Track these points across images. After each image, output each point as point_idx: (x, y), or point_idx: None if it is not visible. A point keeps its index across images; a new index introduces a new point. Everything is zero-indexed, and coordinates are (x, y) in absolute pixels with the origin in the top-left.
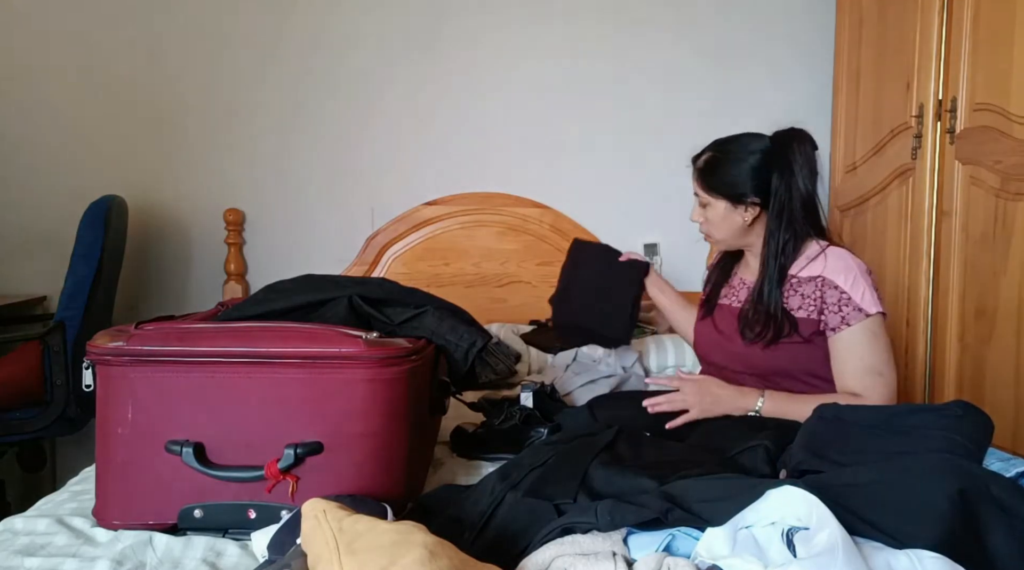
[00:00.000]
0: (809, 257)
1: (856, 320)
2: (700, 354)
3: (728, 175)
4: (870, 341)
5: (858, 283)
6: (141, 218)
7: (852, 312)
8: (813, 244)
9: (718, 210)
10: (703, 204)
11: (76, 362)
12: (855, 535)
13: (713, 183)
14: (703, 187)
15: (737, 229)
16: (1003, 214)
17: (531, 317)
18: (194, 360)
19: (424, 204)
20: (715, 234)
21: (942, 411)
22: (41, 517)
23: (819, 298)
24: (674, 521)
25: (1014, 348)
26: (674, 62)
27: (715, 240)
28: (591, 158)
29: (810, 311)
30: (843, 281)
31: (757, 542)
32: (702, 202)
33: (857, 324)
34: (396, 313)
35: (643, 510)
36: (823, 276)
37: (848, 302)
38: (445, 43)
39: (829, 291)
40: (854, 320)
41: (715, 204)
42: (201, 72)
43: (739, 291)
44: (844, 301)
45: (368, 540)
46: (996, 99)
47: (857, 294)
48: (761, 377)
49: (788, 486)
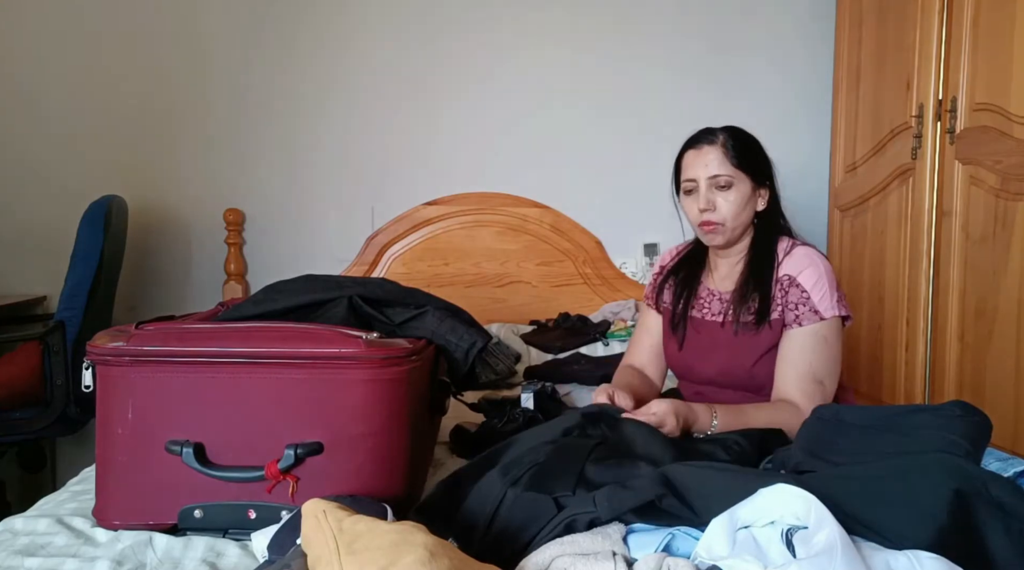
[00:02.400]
0: (781, 253)
1: (809, 321)
2: (672, 368)
3: (754, 151)
4: (818, 346)
5: (820, 284)
6: (141, 218)
7: (807, 313)
8: (781, 243)
9: (743, 191)
10: (725, 185)
11: (76, 362)
12: (852, 535)
13: (742, 160)
14: (733, 163)
15: (749, 219)
16: (1003, 214)
17: (531, 317)
18: (194, 360)
19: (424, 204)
20: (731, 221)
21: (940, 411)
22: (41, 517)
23: (784, 296)
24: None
25: (1014, 348)
26: (674, 62)
27: (727, 229)
28: (591, 158)
29: (779, 311)
30: (806, 280)
31: (756, 542)
32: (723, 183)
33: (809, 325)
34: (396, 313)
35: (639, 493)
36: (789, 274)
37: (806, 302)
38: (445, 43)
39: (793, 289)
40: (807, 321)
41: (741, 185)
42: (201, 72)
43: (710, 303)
44: (803, 300)
45: (368, 540)
46: (996, 99)
47: (817, 295)
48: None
49: (785, 484)
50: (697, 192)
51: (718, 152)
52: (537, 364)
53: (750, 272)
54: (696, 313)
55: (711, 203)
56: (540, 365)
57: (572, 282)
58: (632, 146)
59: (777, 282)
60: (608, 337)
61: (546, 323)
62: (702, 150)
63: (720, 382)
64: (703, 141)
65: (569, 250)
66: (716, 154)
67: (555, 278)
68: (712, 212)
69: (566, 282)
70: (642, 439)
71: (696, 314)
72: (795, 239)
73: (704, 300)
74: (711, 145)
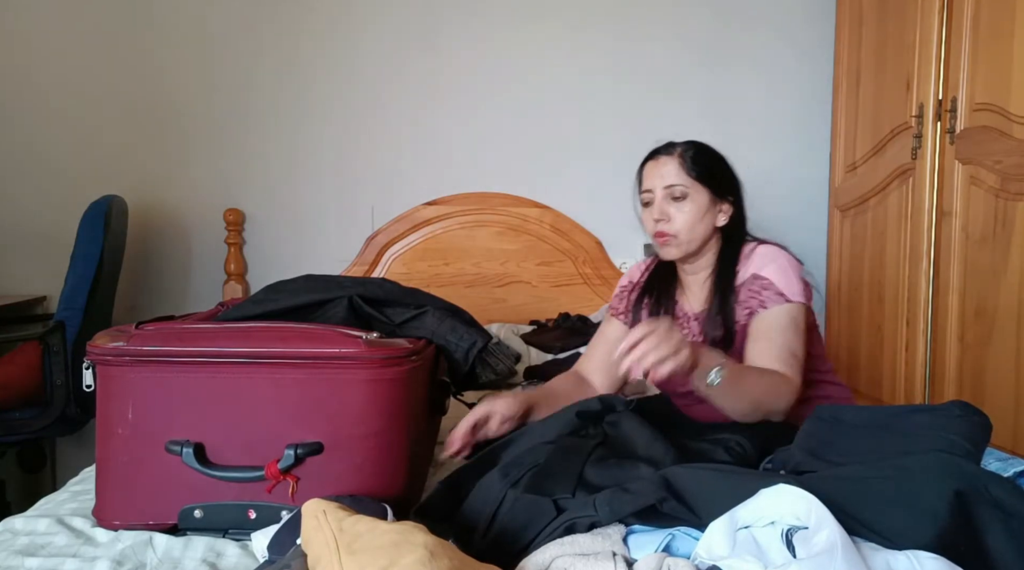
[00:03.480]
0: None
1: (774, 304)
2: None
3: (715, 165)
4: (790, 325)
5: (783, 272)
6: (141, 218)
7: (771, 296)
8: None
9: (700, 203)
10: (679, 196)
11: (76, 362)
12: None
13: (700, 172)
14: (689, 174)
15: (707, 233)
16: (1003, 214)
17: (531, 317)
18: (194, 360)
19: (424, 204)
20: (685, 233)
21: (940, 411)
22: (41, 517)
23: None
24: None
25: (1014, 348)
26: (674, 61)
27: (681, 241)
28: (591, 158)
29: (746, 314)
30: (768, 272)
31: (757, 542)
32: (677, 194)
33: (775, 307)
34: (396, 313)
35: (639, 497)
36: (751, 273)
37: (769, 287)
38: (445, 43)
39: (754, 282)
40: (771, 303)
41: (697, 197)
42: (201, 72)
43: (687, 323)
44: (765, 286)
45: (368, 540)
46: (996, 99)
47: (780, 281)
48: None
49: (785, 485)
50: (652, 205)
51: (675, 163)
52: (537, 364)
53: (715, 291)
54: None
55: (665, 214)
56: (540, 365)
57: (572, 282)
58: (632, 146)
59: (741, 288)
60: None
61: (546, 323)
62: (659, 161)
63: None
64: (661, 152)
65: (569, 250)
66: (673, 165)
67: (555, 278)
68: (666, 223)
69: (566, 282)
70: (643, 440)
71: None
72: (759, 241)
73: (682, 321)
74: (668, 156)
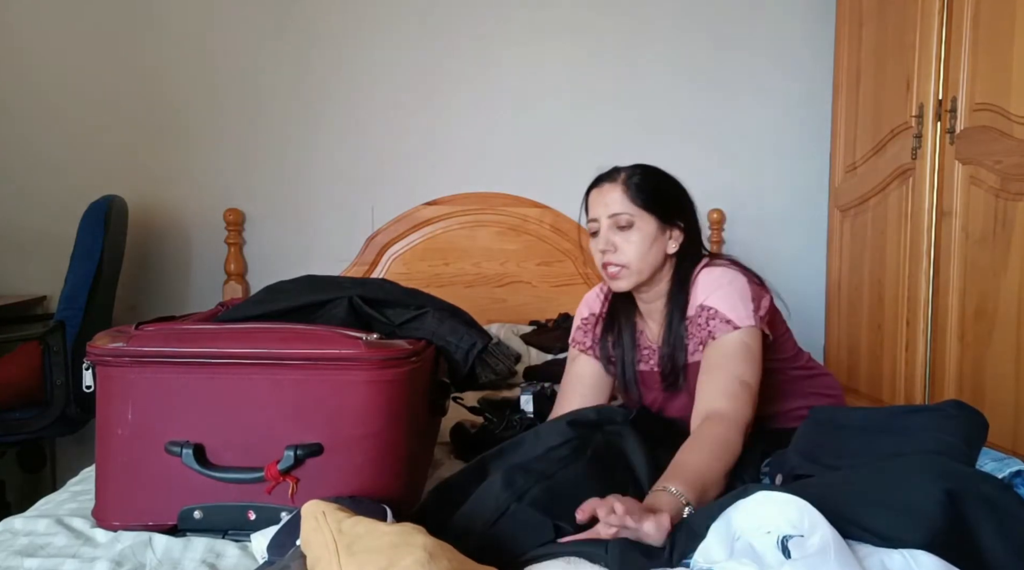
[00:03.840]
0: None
1: (722, 332)
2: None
3: (661, 189)
4: (740, 351)
5: (728, 298)
6: (141, 218)
7: (719, 324)
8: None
9: (647, 232)
10: (625, 225)
11: (76, 362)
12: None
13: (646, 199)
14: (634, 202)
15: (658, 261)
16: (1003, 214)
17: (531, 317)
18: (194, 361)
19: (424, 204)
20: (634, 263)
21: (935, 411)
22: (41, 517)
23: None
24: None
25: (1014, 348)
26: (675, 62)
27: (632, 272)
28: (591, 158)
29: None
30: (712, 300)
31: (754, 550)
32: (623, 223)
33: (723, 336)
34: (396, 314)
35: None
36: (698, 304)
37: (715, 316)
38: (445, 43)
39: (700, 313)
40: (719, 332)
41: (644, 225)
42: (201, 72)
43: (652, 356)
44: (712, 316)
45: (367, 542)
46: (996, 99)
47: (725, 306)
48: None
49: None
50: (599, 233)
51: (619, 190)
52: (537, 364)
53: (667, 324)
54: (643, 366)
55: (611, 244)
56: (540, 365)
57: (572, 282)
58: (633, 146)
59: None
60: None
61: (546, 323)
62: (603, 189)
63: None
64: (605, 179)
65: (569, 250)
66: (617, 193)
67: (555, 278)
68: (612, 253)
69: (566, 282)
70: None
71: (644, 367)
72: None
73: (647, 352)
74: (612, 182)
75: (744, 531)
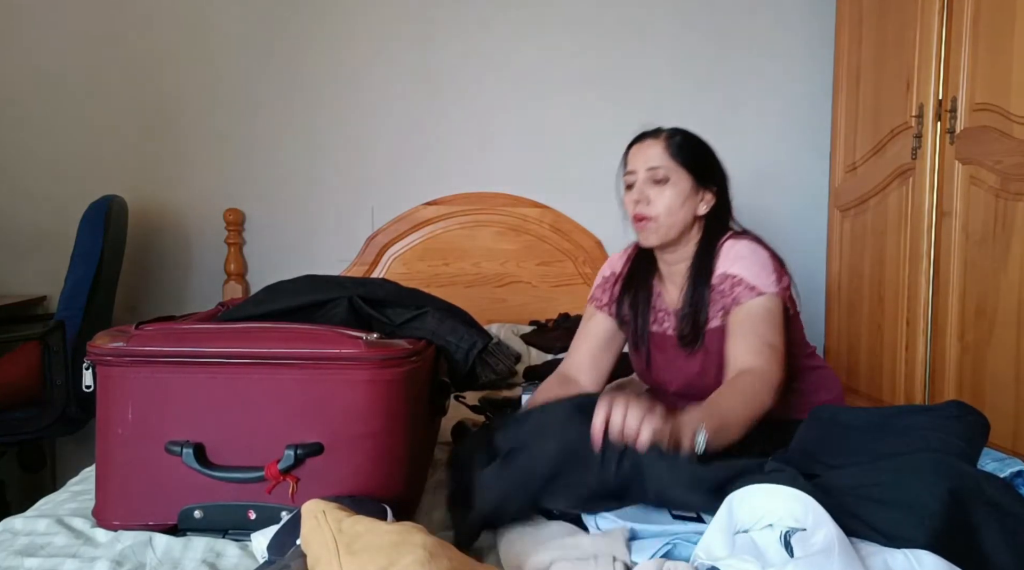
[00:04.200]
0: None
1: (747, 298)
2: (643, 380)
3: (700, 152)
4: (765, 316)
5: (752, 266)
6: (141, 218)
7: (743, 291)
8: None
9: (681, 188)
10: (661, 179)
11: (76, 362)
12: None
13: (685, 157)
14: (673, 158)
15: (688, 220)
16: (1003, 214)
17: (531, 317)
18: (194, 360)
19: (424, 204)
20: (664, 217)
21: (937, 412)
22: (41, 517)
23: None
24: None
25: (1014, 348)
26: (674, 62)
27: (660, 226)
28: (591, 158)
29: (721, 314)
30: (736, 268)
31: (756, 545)
32: (659, 177)
33: (748, 301)
34: (396, 314)
35: None
36: (720, 271)
37: (739, 283)
38: (445, 43)
39: (724, 282)
40: (745, 298)
41: (679, 181)
42: (201, 72)
43: (667, 317)
44: (736, 283)
45: (368, 541)
46: (996, 99)
47: (749, 274)
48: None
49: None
50: (635, 185)
51: (660, 146)
52: (537, 364)
53: (690, 286)
54: (656, 328)
55: (645, 196)
56: (540, 365)
57: (572, 282)
58: None
59: (715, 287)
60: None
61: (546, 323)
62: (645, 143)
63: (687, 395)
64: (648, 135)
65: (569, 250)
66: (657, 148)
67: (555, 278)
68: (645, 205)
69: (566, 282)
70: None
71: (656, 329)
72: (733, 235)
73: (662, 314)
74: (654, 138)
75: (746, 524)
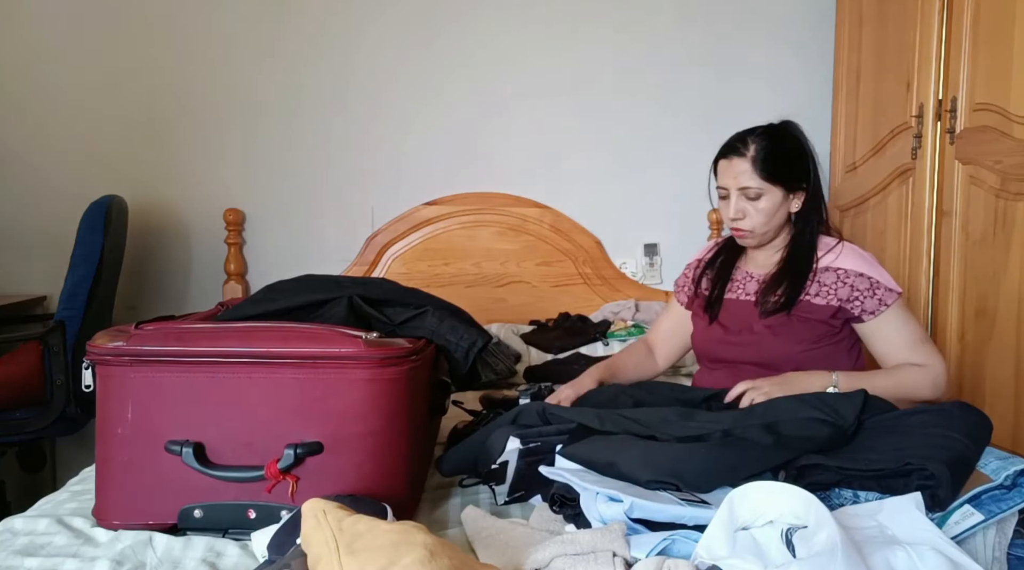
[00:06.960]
0: (826, 247)
1: (892, 300)
2: (703, 354)
3: (788, 163)
4: (908, 317)
5: (878, 269)
6: (141, 218)
7: (886, 293)
8: (824, 237)
9: (774, 200)
10: (754, 196)
11: (76, 362)
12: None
13: (774, 172)
14: (762, 176)
15: (783, 220)
16: (1003, 214)
17: (531, 317)
18: (194, 360)
19: (424, 204)
20: (760, 228)
21: (940, 412)
22: (41, 517)
23: (845, 287)
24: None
25: (1014, 348)
26: (674, 62)
27: (756, 235)
28: (591, 158)
29: (829, 299)
30: (867, 269)
31: (756, 542)
32: (752, 194)
33: (894, 304)
34: (396, 313)
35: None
36: (843, 268)
37: (879, 285)
38: (445, 43)
39: (856, 279)
40: (890, 300)
41: (772, 194)
42: (201, 72)
43: (746, 284)
44: (875, 285)
45: (368, 540)
46: (996, 99)
47: (884, 278)
48: (765, 366)
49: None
50: (729, 200)
51: (747, 165)
52: (537, 364)
53: (787, 261)
54: (731, 295)
55: (741, 212)
56: (540, 365)
57: (572, 282)
58: (632, 146)
59: (824, 272)
60: (608, 337)
61: (546, 323)
62: (732, 162)
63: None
64: (733, 153)
65: (569, 250)
66: (745, 167)
67: (555, 278)
68: (742, 220)
69: (566, 282)
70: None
71: (731, 296)
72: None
73: (739, 282)
74: (741, 158)
75: (746, 521)
